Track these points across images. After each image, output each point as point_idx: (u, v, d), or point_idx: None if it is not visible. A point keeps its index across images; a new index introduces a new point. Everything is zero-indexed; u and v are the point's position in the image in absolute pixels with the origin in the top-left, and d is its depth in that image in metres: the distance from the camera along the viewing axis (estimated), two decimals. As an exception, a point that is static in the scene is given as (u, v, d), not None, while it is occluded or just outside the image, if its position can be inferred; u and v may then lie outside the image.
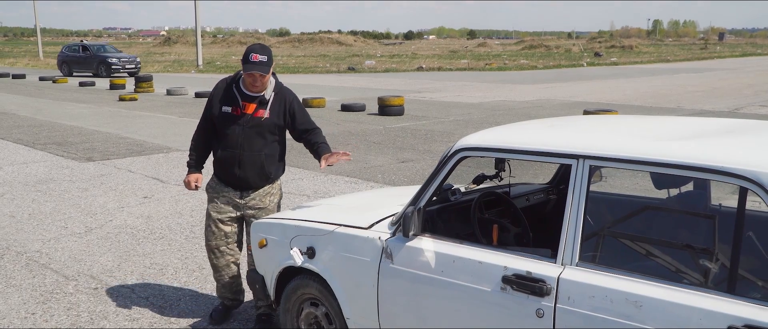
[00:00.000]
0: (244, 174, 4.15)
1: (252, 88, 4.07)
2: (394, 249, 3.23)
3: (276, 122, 4.13)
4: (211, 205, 4.29)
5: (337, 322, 3.62)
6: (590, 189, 2.77)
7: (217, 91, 4.19)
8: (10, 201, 7.90)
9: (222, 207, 4.26)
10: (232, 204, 4.25)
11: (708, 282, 2.58)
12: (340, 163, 4.72)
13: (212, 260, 4.38)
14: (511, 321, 2.80)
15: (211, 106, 4.18)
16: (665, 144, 2.63)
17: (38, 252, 5.99)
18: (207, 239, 4.35)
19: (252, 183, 4.20)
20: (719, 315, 2.30)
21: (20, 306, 4.77)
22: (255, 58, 3.93)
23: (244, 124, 4.09)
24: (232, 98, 4.11)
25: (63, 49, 35.98)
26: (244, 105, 4.09)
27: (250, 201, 4.25)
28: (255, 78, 3.99)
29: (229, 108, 4.10)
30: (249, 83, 4.05)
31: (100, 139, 12.89)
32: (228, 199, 4.24)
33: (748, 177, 2.33)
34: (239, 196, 4.23)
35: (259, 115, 4.09)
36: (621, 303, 2.51)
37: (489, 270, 2.88)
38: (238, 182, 4.20)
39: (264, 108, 4.11)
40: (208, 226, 4.31)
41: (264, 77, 4.00)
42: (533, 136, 3.08)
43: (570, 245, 2.71)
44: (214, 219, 4.27)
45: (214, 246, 4.32)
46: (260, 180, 4.22)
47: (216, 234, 4.29)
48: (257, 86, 4.04)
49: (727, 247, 2.50)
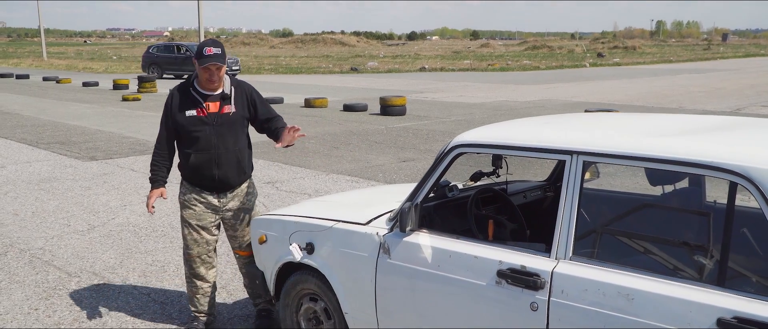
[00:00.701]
0: (223, 173, 4.07)
1: (209, 86, 4.01)
2: (392, 244, 3.27)
3: (243, 114, 4.08)
4: (188, 212, 4.16)
5: (336, 317, 3.66)
6: (585, 186, 2.82)
7: (174, 98, 4.09)
8: (14, 199, 7.96)
9: (202, 213, 4.16)
10: (212, 209, 4.17)
11: (699, 276, 2.61)
12: (341, 161, 4.73)
13: (194, 270, 4.24)
14: (506, 315, 2.84)
15: (171, 114, 4.07)
16: (656, 140, 2.67)
17: (41, 249, 6.04)
18: (188, 248, 4.21)
19: (232, 181, 4.13)
20: (709, 308, 2.34)
21: (23, 301, 4.82)
22: (209, 51, 3.91)
23: (214, 123, 4.02)
24: (193, 101, 4.04)
25: (150, 49, 33.95)
26: (207, 105, 4.02)
27: (229, 202, 4.17)
28: (212, 72, 3.94)
29: (193, 111, 4.02)
30: (205, 79, 3.98)
31: (103, 138, 12.95)
32: (207, 204, 4.15)
33: (736, 171, 2.37)
34: (217, 200, 4.15)
35: (225, 111, 4.05)
36: (613, 297, 2.55)
37: (484, 265, 2.92)
38: (217, 183, 4.10)
39: (228, 103, 4.06)
40: (189, 234, 4.19)
41: (220, 69, 3.96)
42: (528, 133, 3.12)
43: (564, 239, 2.75)
44: (195, 226, 4.16)
45: (197, 255, 4.21)
46: (239, 177, 4.16)
47: (198, 242, 4.19)
48: (214, 81, 3.98)
49: (717, 242, 2.54)
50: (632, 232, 3.05)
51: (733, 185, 2.42)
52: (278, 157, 10.38)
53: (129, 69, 39.72)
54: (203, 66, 3.92)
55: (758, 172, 2.32)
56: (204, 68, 3.93)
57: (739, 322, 2.26)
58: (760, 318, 2.23)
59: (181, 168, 4.18)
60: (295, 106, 18.71)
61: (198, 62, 3.94)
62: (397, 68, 40.45)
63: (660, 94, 22.32)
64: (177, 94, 4.10)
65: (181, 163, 4.18)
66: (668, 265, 2.71)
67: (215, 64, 3.92)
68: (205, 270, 4.26)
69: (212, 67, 3.92)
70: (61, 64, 46.60)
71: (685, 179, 3.26)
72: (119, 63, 47.99)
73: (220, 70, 3.97)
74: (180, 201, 4.21)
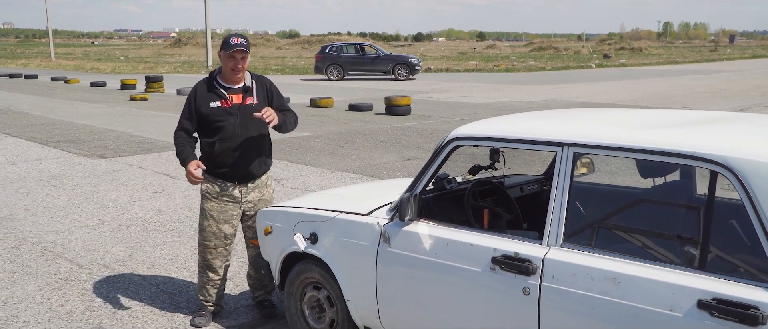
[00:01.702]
0: (246, 163, 4.24)
1: (233, 75, 4.18)
2: (392, 233, 3.41)
3: (263, 106, 4.22)
4: (209, 205, 4.31)
5: (338, 304, 3.80)
6: (578, 179, 2.95)
7: (198, 91, 4.26)
8: (25, 195, 8.13)
9: (224, 206, 4.31)
10: (233, 201, 4.31)
11: (681, 261, 2.74)
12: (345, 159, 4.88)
13: (208, 261, 4.37)
14: (500, 299, 2.97)
15: (195, 105, 4.23)
16: (643, 132, 2.81)
17: (53, 242, 6.20)
18: (206, 240, 4.35)
19: (254, 171, 4.29)
20: (690, 290, 2.47)
21: (36, 291, 4.98)
22: (235, 40, 4.13)
23: (238, 114, 4.20)
24: (217, 93, 4.22)
25: (327, 49, 31.90)
26: (231, 97, 4.21)
27: (250, 193, 4.33)
28: (237, 60, 4.12)
29: (217, 102, 4.19)
30: (230, 69, 4.15)
31: (112, 137, 13.13)
32: (229, 196, 4.30)
33: (717, 161, 2.49)
34: (238, 191, 4.30)
35: (248, 102, 4.23)
36: (601, 281, 2.68)
37: (479, 252, 3.05)
38: (240, 174, 4.26)
39: (251, 95, 4.25)
40: (208, 226, 4.32)
41: (245, 59, 4.16)
42: (522, 126, 3.26)
43: (555, 227, 2.89)
44: (217, 218, 4.32)
45: (213, 247, 4.35)
46: (261, 167, 4.34)
47: (217, 235, 4.33)
48: (238, 70, 4.16)
49: (699, 228, 2.67)
50: (620, 221, 3.19)
51: (714, 174, 2.55)
52: (284, 156, 10.53)
53: (136, 69, 39.98)
54: (229, 53, 4.11)
55: (737, 162, 2.45)
56: (229, 56, 4.12)
57: (718, 303, 2.39)
58: (737, 298, 2.37)
59: (204, 159, 4.30)
60: (301, 105, 18.85)
61: (224, 50, 4.14)
62: (402, 69, 40.50)
63: (665, 94, 22.39)
64: (201, 86, 4.29)
65: (203, 154, 4.32)
66: (653, 251, 2.84)
67: (241, 52, 4.12)
68: (219, 263, 4.40)
69: (237, 54, 4.12)
70: (68, 65, 46.90)
71: (674, 172, 3.38)
72: (127, 63, 48.25)
73: (245, 60, 4.17)
74: (202, 193, 4.36)
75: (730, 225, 3.08)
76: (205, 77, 4.35)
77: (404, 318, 3.44)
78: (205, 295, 4.45)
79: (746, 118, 3.16)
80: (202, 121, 4.24)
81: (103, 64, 46.73)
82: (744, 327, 2.33)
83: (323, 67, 30.81)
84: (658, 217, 3.21)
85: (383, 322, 3.55)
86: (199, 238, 4.43)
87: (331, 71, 30.59)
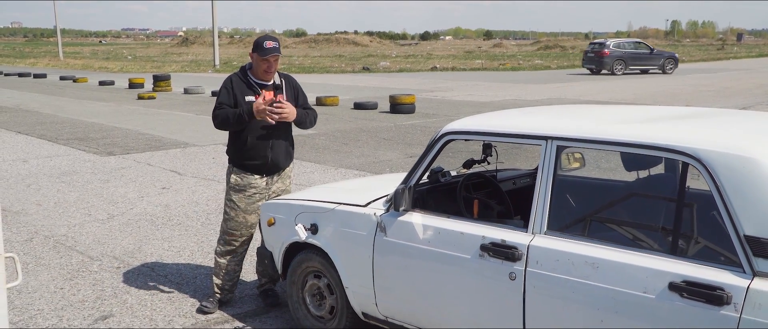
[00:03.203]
0: (275, 155, 4.50)
1: (265, 76, 4.46)
2: (388, 223, 3.60)
3: (292, 103, 4.50)
4: (238, 196, 4.53)
5: (338, 292, 3.99)
6: (568, 171, 3.13)
7: (234, 83, 4.49)
8: (37, 191, 8.35)
9: (251, 197, 4.54)
10: (260, 192, 4.57)
11: (655, 247, 2.92)
12: (349, 156, 5.07)
13: (231, 246, 4.59)
14: (488, 284, 3.16)
15: (232, 95, 4.45)
16: (621, 126, 2.99)
17: (64, 236, 6.41)
18: (232, 228, 4.56)
19: (281, 163, 4.57)
20: (662, 273, 2.65)
21: (49, 281, 5.19)
22: (269, 44, 4.37)
23: None
24: (251, 88, 4.48)
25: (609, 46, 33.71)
26: (264, 94, 4.44)
27: (275, 184, 4.60)
28: (270, 63, 4.40)
29: (252, 97, 4.44)
30: (263, 70, 4.43)
31: (120, 134, 13.36)
32: (257, 188, 4.54)
33: (687, 153, 2.67)
34: (265, 182, 4.56)
35: (278, 99, 4.46)
36: (581, 265, 2.86)
37: (469, 240, 3.24)
38: (269, 165, 4.52)
39: (281, 93, 4.51)
40: (236, 217, 4.54)
41: (278, 60, 4.42)
42: (509, 122, 3.44)
43: (539, 216, 3.07)
44: (245, 209, 4.54)
45: (239, 235, 4.60)
46: (287, 160, 4.62)
47: (243, 225, 4.57)
48: (271, 72, 4.45)
49: (672, 217, 2.84)
50: (600, 211, 3.37)
51: (685, 165, 2.73)
52: (289, 153, 10.73)
53: (144, 68, 40.28)
54: (264, 57, 4.37)
55: (706, 154, 2.63)
56: (264, 59, 4.38)
57: (687, 285, 2.57)
58: (704, 281, 2.54)
59: (233, 152, 4.55)
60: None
61: (258, 54, 4.38)
62: (408, 68, 40.75)
63: (668, 92, 22.50)
64: (236, 79, 4.52)
65: (232, 147, 4.56)
66: (630, 238, 3.02)
67: (275, 56, 4.39)
68: (242, 250, 4.67)
69: (271, 58, 4.39)
70: (77, 64, 47.29)
71: (656, 165, 3.55)
72: (134, 62, 48.61)
73: (277, 62, 4.44)
74: (230, 185, 4.58)
75: (702, 213, 3.26)
76: (237, 71, 4.60)
77: (400, 304, 3.63)
78: (221, 279, 4.66)
79: (722, 114, 3.34)
80: None
81: (111, 63, 47.09)
82: (711, 306, 2.51)
83: (610, 63, 32.73)
84: (636, 208, 3.38)
85: (380, 308, 3.74)
86: (223, 227, 4.64)
87: (617, 66, 32.68)
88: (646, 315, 2.67)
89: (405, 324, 3.66)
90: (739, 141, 2.67)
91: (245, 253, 4.73)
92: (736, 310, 2.46)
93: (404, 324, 3.66)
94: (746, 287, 2.46)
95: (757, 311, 2.42)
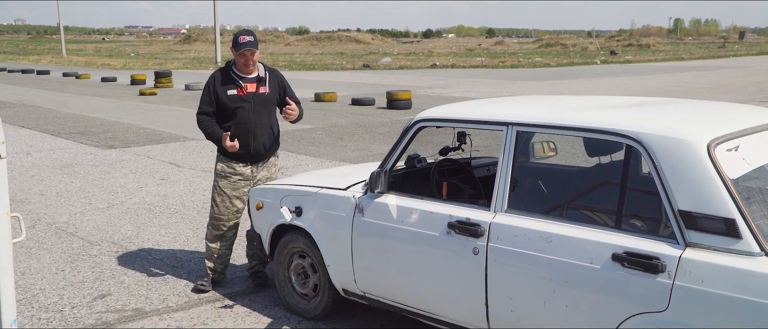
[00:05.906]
0: (258, 144, 4.74)
1: (245, 69, 4.70)
2: (365, 204, 3.87)
3: (275, 95, 4.79)
4: (224, 183, 4.78)
5: (321, 270, 4.26)
6: (541, 158, 3.39)
7: (216, 79, 4.74)
8: (39, 181, 8.64)
9: (237, 183, 4.80)
10: (245, 179, 4.82)
11: (601, 221, 3.18)
12: (344, 150, 5.33)
13: (220, 231, 4.85)
14: (454, 258, 3.42)
15: (213, 92, 4.69)
16: (574, 113, 3.25)
17: (66, 223, 6.69)
18: (219, 214, 4.80)
19: (265, 152, 4.80)
20: (606, 245, 2.91)
21: (51, 264, 5.46)
22: (244, 39, 4.62)
23: (251, 101, 4.70)
24: (233, 82, 4.72)
25: None
26: (246, 86, 4.70)
27: (260, 172, 4.83)
28: (247, 57, 4.63)
29: (234, 90, 4.69)
30: (242, 64, 4.67)
31: (121, 129, 13.65)
32: (242, 176, 4.79)
33: (631, 136, 2.93)
34: (250, 170, 4.81)
35: (261, 91, 4.73)
36: (536, 240, 3.13)
37: (438, 219, 3.50)
38: (253, 154, 4.75)
39: (264, 85, 4.76)
40: (222, 202, 4.79)
41: (254, 54, 4.65)
42: (475, 109, 3.70)
43: (501, 196, 3.33)
44: (230, 195, 4.80)
45: (226, 220, 4.84)
46: (271, 148, 4.86)
47: (229, 209, 4.83)
48: (250, 66, 4.67)
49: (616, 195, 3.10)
50: (555, 191, 3.63)
51: (628, 148, 2.99)
52: (286, 146, 10.99)
53: (146, 65, 40.63)
54: (239, 52, 4.63)
55: (646, 137, 2.89)
56: (240, 54, 4.64)
57: (628, 255, 2.83)
58: (642, 251, 2.81)
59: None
60: (306, 100, 19.31)
61: (235, 49, 4.65)
62: (408, 65, 41.02)
63: (665, 90, 22.74)
64: (219, 75, 4.77)
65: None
66: (581, 215, 3.28)
67: (250, 50, 4.63)
68: (230, 234, 4.91)
69: (247, 52, 4.64)
70: (80, 61, 47.64)
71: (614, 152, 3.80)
72: (137, 59, 48.96)
73: (254, 55, 4.67)
74: (216, 172, 4.84)
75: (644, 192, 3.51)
76: (222, 67, 4.86)
77: (376, 280, 3.90)
78: (213, 262, 4.93)
79: (670, 103, 3.59)
80: (219, 106, 4.73)
81: (114, 60, 47.43)
82: (648, 274, 2.77)
83: None
84: (589, 188, 3.65)
85: (358, 284, 4.00)
86: (211, 213, 4.90)
87: None
88: (593, 283, 2.93)
89: (381, 299, 3.92)
90: (676, 126, 2.93)
91: (234, 237, 4.98)
92: (670, 277, 2.72)
93: (380, 299, 3.93)
94: (679, 256, 2.72)
95: (688, 277, 2.68)
